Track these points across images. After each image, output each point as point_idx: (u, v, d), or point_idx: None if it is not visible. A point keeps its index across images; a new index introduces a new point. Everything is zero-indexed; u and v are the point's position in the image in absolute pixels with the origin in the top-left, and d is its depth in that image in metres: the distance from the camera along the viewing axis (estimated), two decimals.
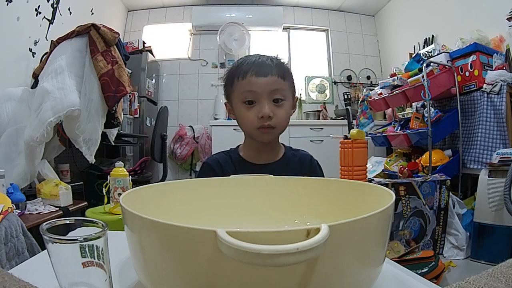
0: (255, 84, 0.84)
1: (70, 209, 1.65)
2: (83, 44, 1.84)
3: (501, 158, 1.81)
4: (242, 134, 0.93)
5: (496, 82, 2.02)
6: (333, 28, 4.06)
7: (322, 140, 3.11)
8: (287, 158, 0.93)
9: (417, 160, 2.40)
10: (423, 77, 2.15)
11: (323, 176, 0.90)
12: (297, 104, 3.79)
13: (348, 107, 2.89)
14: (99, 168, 2.35)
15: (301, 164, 0.93)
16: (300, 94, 3.85)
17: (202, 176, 0.88)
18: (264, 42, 3.95)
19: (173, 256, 0.29)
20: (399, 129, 2.61)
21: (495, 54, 2.16)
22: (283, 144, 0.97)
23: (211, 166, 0.92)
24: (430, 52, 2.63)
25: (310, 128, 3.28)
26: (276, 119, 0.85)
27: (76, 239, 0.31)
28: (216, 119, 3.42)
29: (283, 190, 0.56)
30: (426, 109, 2.24)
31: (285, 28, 4.00)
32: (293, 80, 0.92)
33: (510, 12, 2.09)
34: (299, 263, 0.24)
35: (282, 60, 0.91)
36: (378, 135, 2.75)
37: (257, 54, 0.90)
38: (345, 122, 2.92)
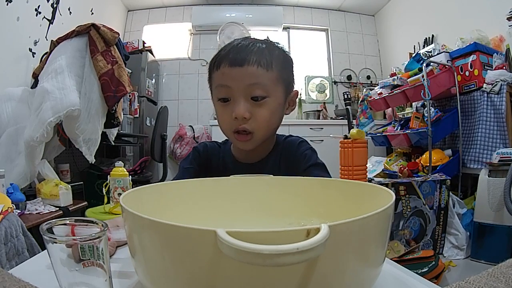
0: (228, 76, 0.68)
1: (70, 209, 1.65)
2: (83, 44, 1.84)
3: (501, 157, 1.81)
4: None
5: (496, 81, 2.02)
6: (333, 28, 4.06)
7: (322, 140, 3.11)
8: (276, 153, 0.80)
9: (417, 160, 2.40)
10: (423, 76, 2.15)
11: (316, 159, 0.78)
12: (297, 102, 3.85)
13: (348, 107, 2.89)
14: (99, 168, 2.35)
15: (287, 154, 0.79)
16: (300, 94, 3.85)
17: (188, 159, 0.83)
18: None
19: (173, 256, 0.29)
20: (399, 129, 2.61)
21: (495, 53, 2.16)
22: (276, 135, 0.83)
23: (199, 152, 0.83)
24: (430, 51, 2.63)
25: (310, 128, 3.28)
26: (254, 122, 0.69)
27: (76, 239, 0.31)
28: (216, 119, 3.41)
29: (283, 190, 0.56)
30: (426, 108, 2.24)
31: (285, 28, 4.00)
32: (289, 68, 0.75)
33: (510, 12, 2.09)
34: (299, 263, 0.24)
35: (274, 43, 0.74)
36: (378, 134, 2.75)
37: (244, 38, 0.73)
38: (345, 122, 2.92)
